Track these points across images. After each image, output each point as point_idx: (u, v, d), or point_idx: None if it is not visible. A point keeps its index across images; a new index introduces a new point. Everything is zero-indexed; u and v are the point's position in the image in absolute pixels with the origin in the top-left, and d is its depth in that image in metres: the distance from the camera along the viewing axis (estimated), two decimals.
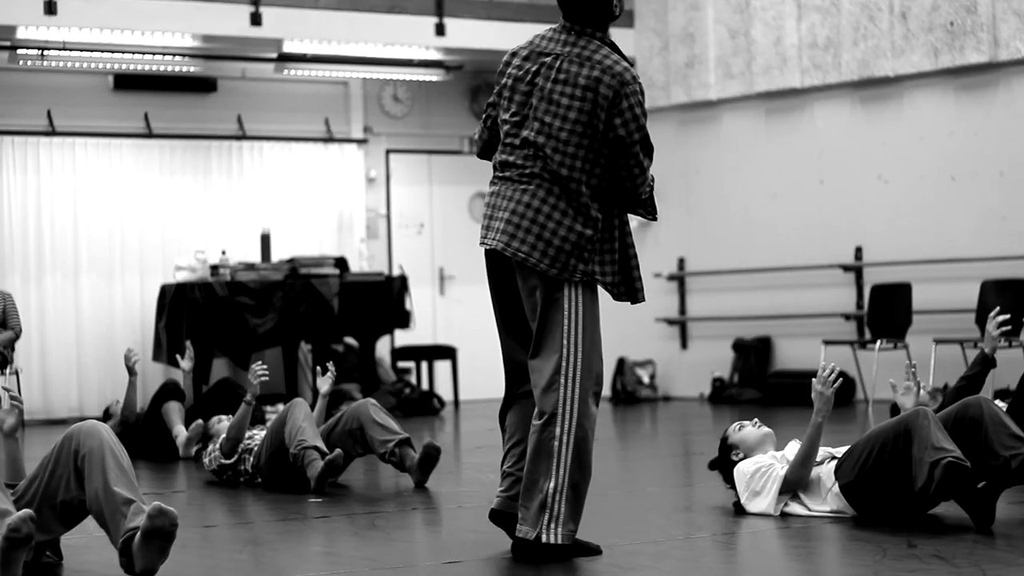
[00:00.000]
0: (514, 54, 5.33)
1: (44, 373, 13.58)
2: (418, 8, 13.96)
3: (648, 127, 5.22)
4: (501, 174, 5.27)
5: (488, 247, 5.23)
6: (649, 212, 5.31)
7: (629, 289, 5.24)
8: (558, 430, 5.06)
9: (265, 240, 13.61)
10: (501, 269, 5.28)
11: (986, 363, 6.48)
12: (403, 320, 13.78)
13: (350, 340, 14.10)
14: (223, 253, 13.36)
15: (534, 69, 5.22)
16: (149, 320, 13.59)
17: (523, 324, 5.27)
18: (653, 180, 5.29)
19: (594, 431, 5.15)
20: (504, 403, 5.40)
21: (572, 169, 5.12)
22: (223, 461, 8.03)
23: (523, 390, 5.31)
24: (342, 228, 14.98)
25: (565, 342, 5.09)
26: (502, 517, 5.32)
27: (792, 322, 14.06)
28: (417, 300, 14.61)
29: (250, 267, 13.20)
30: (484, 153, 5.52)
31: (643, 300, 5.29)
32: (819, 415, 5.93)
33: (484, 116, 5.47)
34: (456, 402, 14.62)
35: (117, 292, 13.93)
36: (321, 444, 7.59)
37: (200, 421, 9.27)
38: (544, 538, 5.05)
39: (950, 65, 12.73)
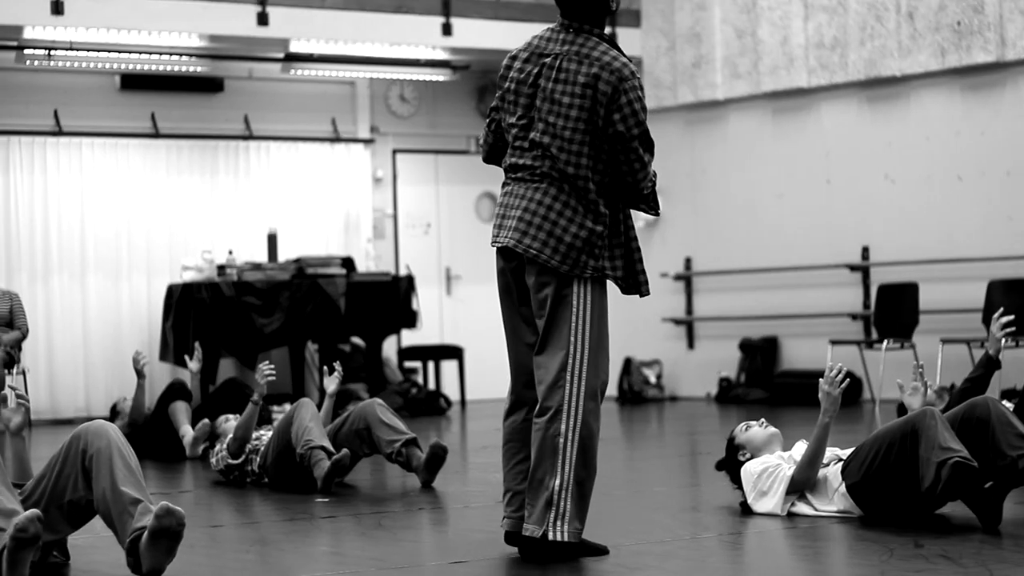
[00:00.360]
0: (514, 57, 5.34)
1: (51, 373, 13.59)
2: (425, 8, 13.97)
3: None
4: (513, 175, 5.28)
5: (500, 245, 5.23)
6: (651, 208, 5.32)
7: (633, 283, 5.26)
8: (563, 427, 5.06)
9: (272, 240, 13.62)
10: (512, 269, 5.28)
11: (990, 365, 6.47)
12: (410, 320, 13.79)
13: (357, 340, 14.11)
14: (230, 253, 13.37)
15: (535, 71, 5.23)
16: (156, 320, 13.61)
17: (532, 325, 5.27)
18: (655, 176, 5.30)
19: (599, 429, 5.15)
20: (510, 408, 5.37)
21: (578, 167, 5.13)
22: (230, 461, 8.03)
23: (529, 395, 5.28)
24: (349, 228, 14.99)
25: (573, 339, 5.10)
26: (519, 538, 5.28)
27: (799, 322, 14.05)
28: (424, 300, 14.62)
29: (257, 267, 13.20)
30: (490, 158, 5.52)
31: (648, 293, 5.30)
32: (826, 415, 5.93)
33: (488, 121, 5.47)
34: (463, 402, 14.62)
35: (124, 292, 13.94)
36: (328, 444, 7.60)
37: (206, 420, 9.29)
38: (551, 535, 5.05)
39: (957, 65, 12.72)
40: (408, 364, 14.93)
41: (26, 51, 12.95)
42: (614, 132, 5.12)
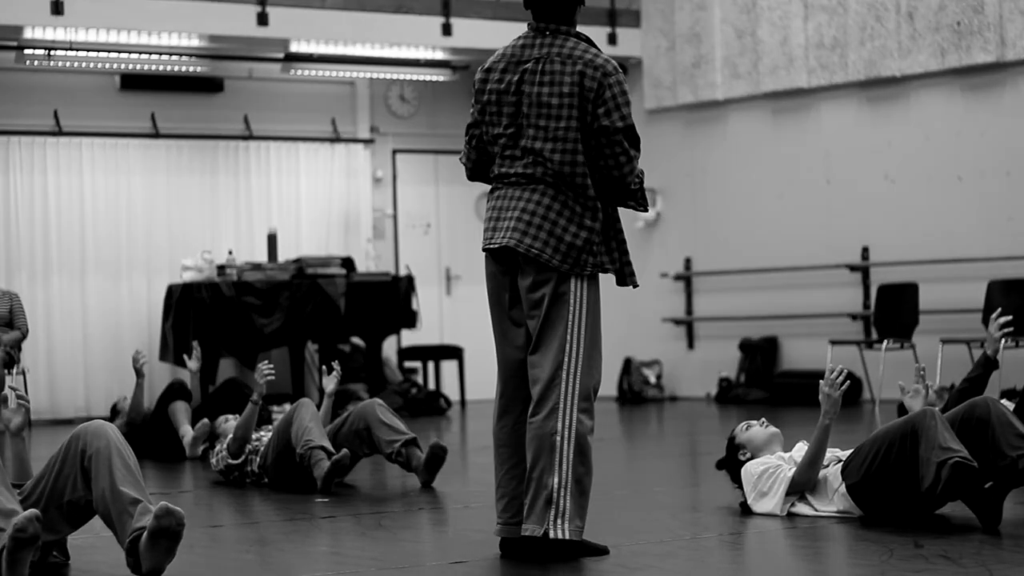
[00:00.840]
0: (489, 69, 5.32)
1: (51, 373, 13.59)
2: (424, 8, 13.97)
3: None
4: (504, 182, 5.26)
5: (497, 246, 5.21)
6: (640, 204, 5.32)
7: (621, 274, 5.27)
8: (559, 425, 5.06)
9: (272, 240, 13.62)
10: (504, 271, 5.27)
11: (988, 365, 6.47)
12: (410, 320, 13.79)
13: (356, 340, 14.11)
14: (230, 253, 13.37)
15: (516, 79, 5.22)
16: (156, 320, 13.60)
17: (522, 327, 5.26)
18: (642, 173, 5.29)
19: (593, 427, 5.15)
20: (500, 412, 5.36)
21: (575, 164, 5.14)
22: (230, 461, 8.03)
23: (520, 398, 5.28)
24: (349, 228, 14.99)
25: (569, 337, 5.10)
26: (515, 544, 5.27)
27: (799, 322, 14.05)
28: (423, 300, 14.62)
29: (257, 267, 13.20)
30: (476, 175, 5.47)
31: (637, 285, 5.32)
32: (826, 417, 5.93)
33: (468, 137, 5.43)
34: (462, 402, 14.62)
35: (124, 292, 13.94)
36: (328, 444, 7.60)
37: (206, 420, 9.29)
38: (552, 534, 5.04)
39: (957, 65, 12.72)
40: (408, 364, 14.93)
41: (26, 51, 12.95)
42: (599, 126, 5.13)
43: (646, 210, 5.40)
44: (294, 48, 13.80)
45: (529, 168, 5.18)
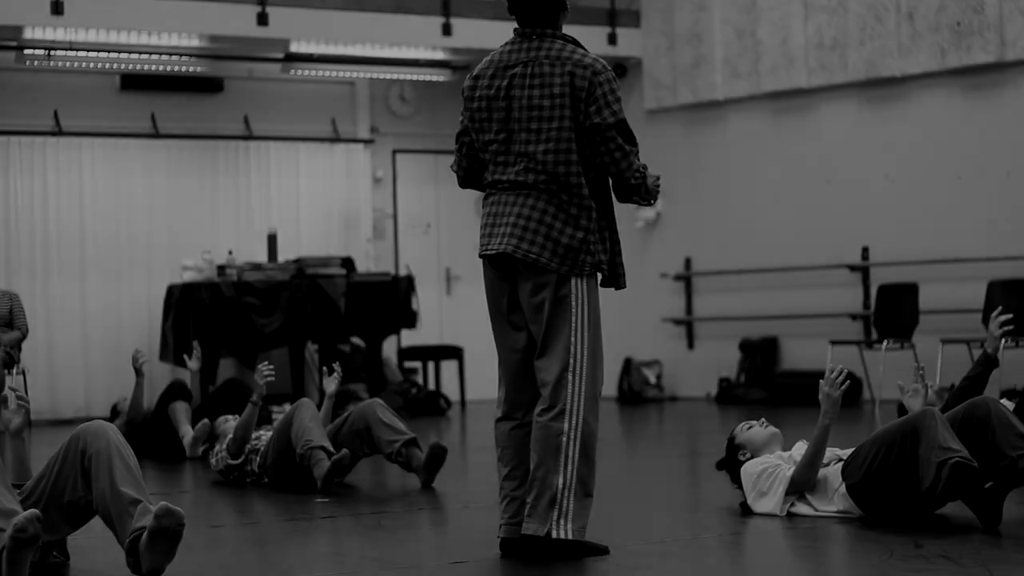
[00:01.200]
0: (477, 76, 5.34)
1: (51, 373, 13.59)
2: (424, 8, 13.96)
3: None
4: (499, 188, 5.26)
5: (494, 252, 5.22)
6: (644, 199, 5.32)
7: (612, 275, 5.28)
8: (566, 425, 5.08)
9: (272, 240, 13.62)
10: (502, 277, 5.28)
11: (988, 363, 6.47)
12: (410, 320, 13.78)
13: (357, 340, 14.10)
14: (230, 253, 13.37)
15: (505, 84, 5.24)
16: (156, 320, 13.60)
17: (522, 331, 5.26)
18: (645, 168, 5.29)
19: (598, 429, 5.16)
20: (503, 416, 5.37)
21: (568, 164, 5.15)
22: (230, 461, 8.04)
23: (521, 401, 5.29)
24: (348, 228, 14.99)
25: (573, 339, 5.12)
26: (516, 545, 5.27)
27: (799, 322, 14.05)
28: (423, 300, 14.61)
29: (257, 267, 13.20)
30: (467, 182, 5.48)
31: (625, 286, 5.32)
32: (826, 417, 5.93)
33: (458, 146, 5.43)
34: (463, 402, 14.62)
35: (124, 292, 13.94)
36: (328, 444, 7.60)
37: (206, 420, 9.29)
38: (555, 534, 5.06)
39: (957, 65, 12.72)
40: (408, 364, 14.93)
41: (26, 51, 12.96)
42: (591, 124, 5.15)
43: (652, 204, 5.42)
44: (294, 48, 13.80)
45: (521, 175, 5.19)
